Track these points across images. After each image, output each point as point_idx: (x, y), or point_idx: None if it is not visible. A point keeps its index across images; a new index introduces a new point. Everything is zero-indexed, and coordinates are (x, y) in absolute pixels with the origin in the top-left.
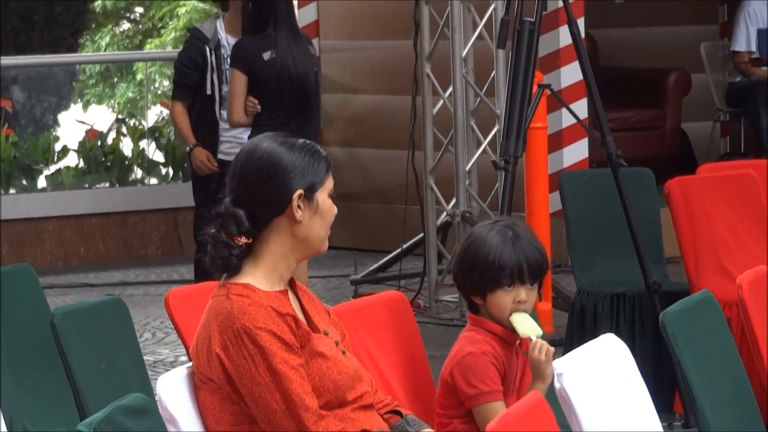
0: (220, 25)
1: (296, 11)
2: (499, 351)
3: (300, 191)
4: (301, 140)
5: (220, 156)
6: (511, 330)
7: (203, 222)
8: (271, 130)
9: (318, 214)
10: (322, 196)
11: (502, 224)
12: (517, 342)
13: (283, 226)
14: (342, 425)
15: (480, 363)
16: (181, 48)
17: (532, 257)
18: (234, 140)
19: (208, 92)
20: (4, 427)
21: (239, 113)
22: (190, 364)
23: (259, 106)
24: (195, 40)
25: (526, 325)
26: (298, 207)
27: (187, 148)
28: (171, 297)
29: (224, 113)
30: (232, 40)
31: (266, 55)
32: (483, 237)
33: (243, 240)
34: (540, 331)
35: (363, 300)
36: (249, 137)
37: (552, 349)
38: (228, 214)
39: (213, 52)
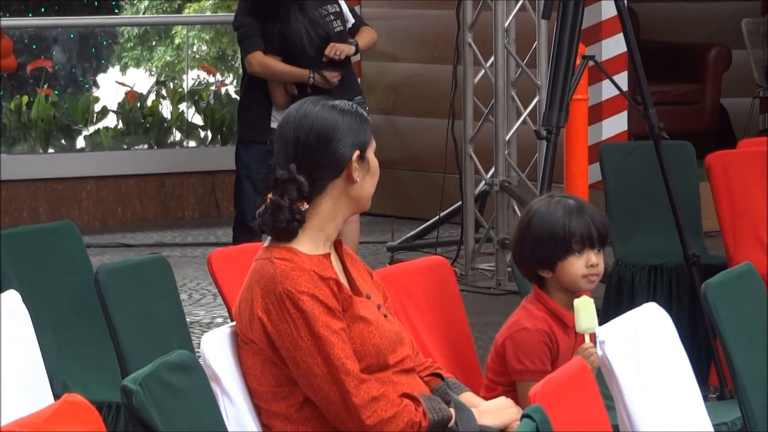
0: None
1: None
2: (555, 330)
3: (357, 151)
4: (343, 102)
5: (273, 124)
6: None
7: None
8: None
9: (369, 173)
10: (371, 155)
11: (557, 197)
12: None
13: (338, 188)
14: (383, 389)
15: (533, 341)
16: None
17: (599, 222)
18: None
19: None
20: (46, 384)
21: (280, 94)
22: (227, 325)
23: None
24: None
25: (584, 320)
26: (355, 168)
27: (310, 79)
28: (214, 257)
29: None
30: None
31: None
32: (545, 211)
33: (305, 205)
34: (596, 329)
35: (406, 264)
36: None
37: (597, 362)
38: (291, 179)
39: None
